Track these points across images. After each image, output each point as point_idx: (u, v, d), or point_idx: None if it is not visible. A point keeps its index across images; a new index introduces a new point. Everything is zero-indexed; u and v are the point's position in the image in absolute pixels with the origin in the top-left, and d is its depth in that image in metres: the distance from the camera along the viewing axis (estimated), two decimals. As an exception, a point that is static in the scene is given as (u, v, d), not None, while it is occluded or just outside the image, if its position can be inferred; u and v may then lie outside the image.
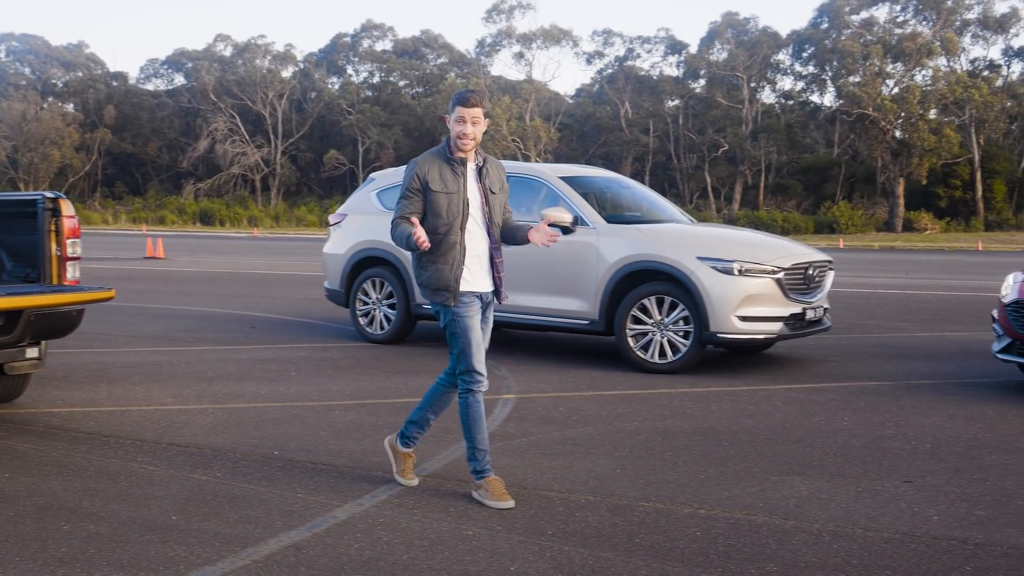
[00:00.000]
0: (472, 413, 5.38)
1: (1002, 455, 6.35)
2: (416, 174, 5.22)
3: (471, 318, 5.30)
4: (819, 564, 4.43)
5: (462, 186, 5.24)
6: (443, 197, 5.19)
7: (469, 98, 5.20)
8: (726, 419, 7.34)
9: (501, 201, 5.42)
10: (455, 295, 5.25)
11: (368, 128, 71.95)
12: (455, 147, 5.24)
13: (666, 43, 72.67)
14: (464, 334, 5.30)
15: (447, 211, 5.19)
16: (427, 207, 5.22)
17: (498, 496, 5.22)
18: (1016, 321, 8.26)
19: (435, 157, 5.29)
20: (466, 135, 5.18)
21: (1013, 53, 67.22)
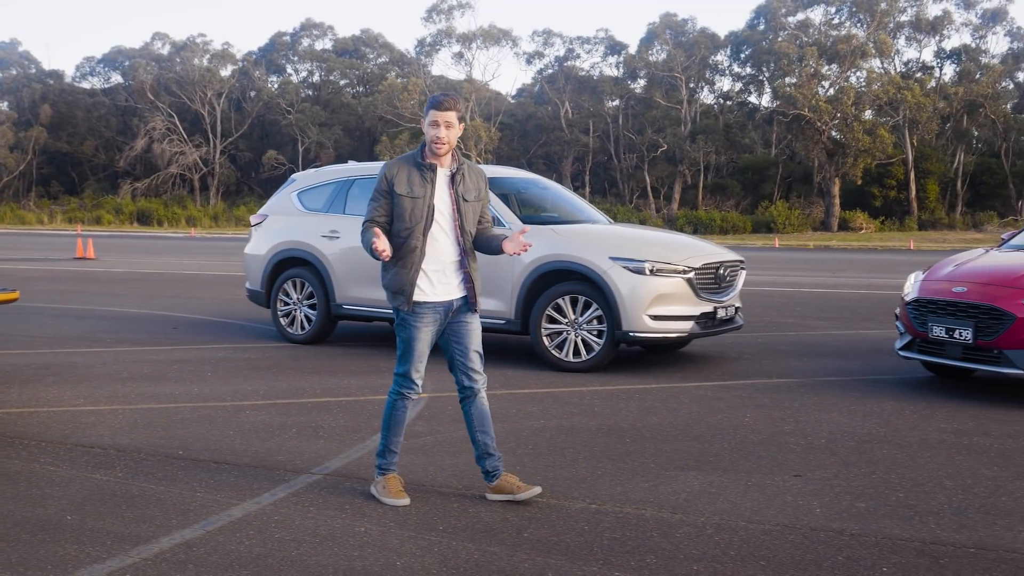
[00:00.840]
0: (396, 416, 5.42)
1: (892, 449, 6.55)
2: (384, 175, 5.24)
3: (420, 328, 5.30)
4: (698, 556, 4.57)
5: (429, 192, 5.20)
6: (407, 201, 5.17)
7: (443, 102, 5.18)
8: (632, 416, 7.48)
9: (475, 209, 5.37)
10: (409, 300, 5.26)
11: (308, 127, 71.57)
12: (429, 151, 5.22)
13: (605, 44, 73.15)
14: (408, 341, 5.33)
15: (410, 216, 5.18)
16: (393, 210, 5.23)
17: (394, 494, 5.29)
18: (916, 319, 8.50)
19: (405, 161, 5.28)
20: (440, 139, 5.15)
21: (945, 55, 68.60)
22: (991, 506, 5.33)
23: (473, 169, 5.43)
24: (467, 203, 5.30)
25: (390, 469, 5.40)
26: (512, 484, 5.34)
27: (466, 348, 5.44)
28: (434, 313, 5.32)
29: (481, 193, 5.41)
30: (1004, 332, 7.78)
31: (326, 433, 6.88)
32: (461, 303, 5.39)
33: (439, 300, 5.31)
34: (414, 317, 5.30)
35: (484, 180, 5.47)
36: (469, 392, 5.47)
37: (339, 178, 11.04)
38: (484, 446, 5.41)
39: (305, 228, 10.89)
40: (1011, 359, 7.79)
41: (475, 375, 5.46)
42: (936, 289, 8.42)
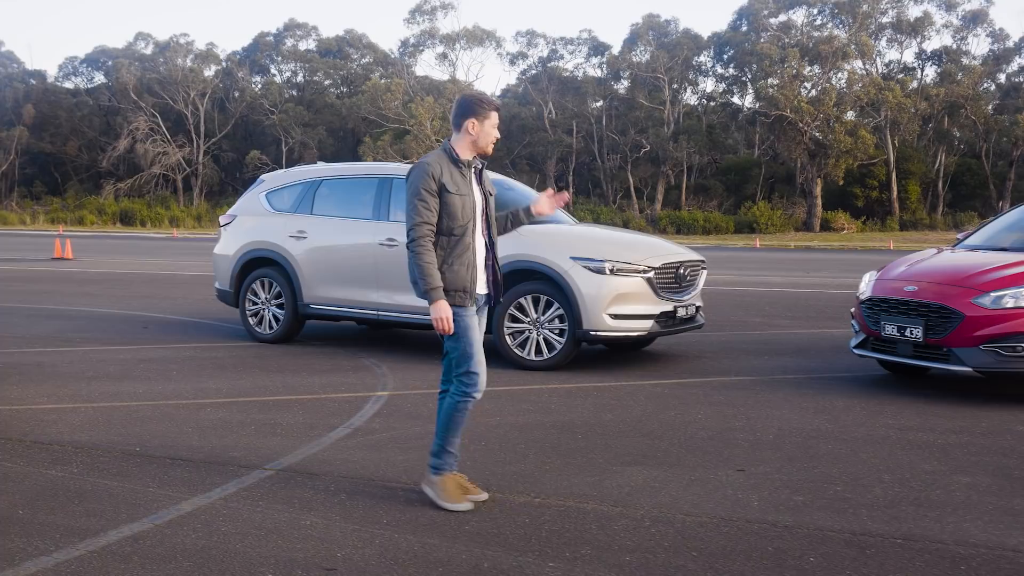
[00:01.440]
0: (458, 417, 5.32)
1: (836, 444, 6.69)
2: (431, 175, 5.13)
3: (472, 318, 5.30)
4: (632, 547, 4.70)
5: (471, 188, 5.26)
6: (458, 199, 5.16)
7: (499, 104, 5.32)
8: (586, 414, 7.61)
9: (492, 202, 5.47)
10: (471, 295, 5.24)
11: (291, 128, 71.56)
12: (474, 149, 5.25)
13: (589, 44, 73.35)
14: (466, 335, 5.26)
15: (462, 213, 5.17)
16: (441, 209, 5.16)
17: (454, 497, 5.24)
18: (870, 318, 8.65)
19: (442, 158, 5.23)
20: (496, 139, 5.27)
21: (926, 57, 69.02)
22: (924, 499, 5.47)
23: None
24: (491, 196, 5.43)
25: (445, 468, 5.34)
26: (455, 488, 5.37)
27: None
28: (476, 304, 5.37)
29: (492, 186, 5.52)
30: (953, 330, 7.94)
31: (283, 430, 6.98)
32: (485, 300, 5.49)
33: (482, 292, 5.40)
34: (469, 312, 5.26)
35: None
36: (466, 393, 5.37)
37: (307, 179, 11.15)
38: (450, 443, 5.41)
39: (273, 228, 10.99)
40: (959, 357, 7.94)
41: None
42: (888, 288, 8.58)
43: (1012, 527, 5.01)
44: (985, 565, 4.49)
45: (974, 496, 5.54)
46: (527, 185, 13.35)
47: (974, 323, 7.85)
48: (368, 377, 9.07)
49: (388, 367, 9.59)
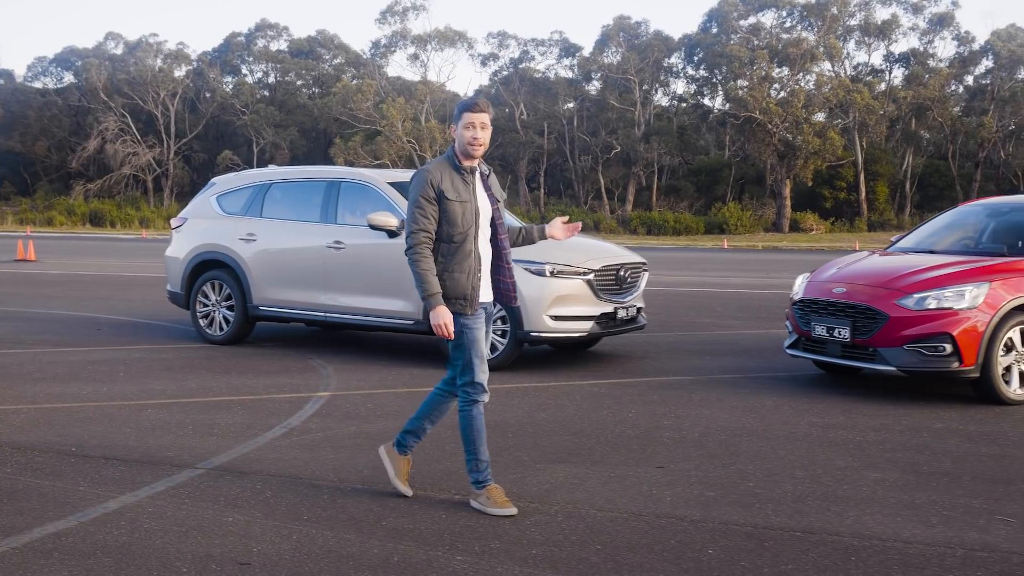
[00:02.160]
0: (475, 425, 5.35)
1: (758, 442, 6.90)
2: (430, 182, 5.16)
3: (479, 329, 5.29)
4: (541, 541, 4.88)
5: (473, 195, 5.25)
6: (458, 206, 5.17)
7: (476, 103, 5.23)
8: (521, 413, 7.78)
9: (502, 209, 5.47)
10: (472, 304, 5.24)
11: (263, 128, 71.46)
12: (465, 154, 5.25)
13: (560, 46, 73.57)
14: (472, 344, 5.27)
15: (462, 220, 5.18)
16: (441, 216, 5.18)
17: (500, 504, 5.26)
18: (802, 318, 8.87)
19: (444, 165, 5.26)
20: (476, 139, 5.19)
21: (894, 59, 69.60)
22: (831, 494, 5.68)
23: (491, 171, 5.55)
24: (499, 203, 5.41)
25: (487, 481, 5.34)
26: (401, 468, 5.58)
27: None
28: (483, 311, 5.38)
29: (502, 192, 5.52)
30: (878, 331, 8.17)
31: (221, 430, 7.12)
32: (492, 308, 5.52)
33: (486, 300, 5.40)
34: (473, 320, 5.27)
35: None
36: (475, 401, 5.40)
37: (257, 182, 11.28)
38: (419, 428, 5.61)
39: (223, 231, 11.12)
40: (884, 356, 8.17)
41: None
42: (819, 290, 8.80)
43: (909, 520, 5.21)
44: (875, 556, 4.69)
45: (880, 491, 5.75)
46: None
47: (898, 324, 8.08)
48: (313, 378, 9.22)
49: (334, 368, 9.74)
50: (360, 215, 10.23)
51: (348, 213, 10.39)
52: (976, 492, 5.74)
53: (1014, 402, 8.10)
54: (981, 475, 6.10)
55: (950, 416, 7.76)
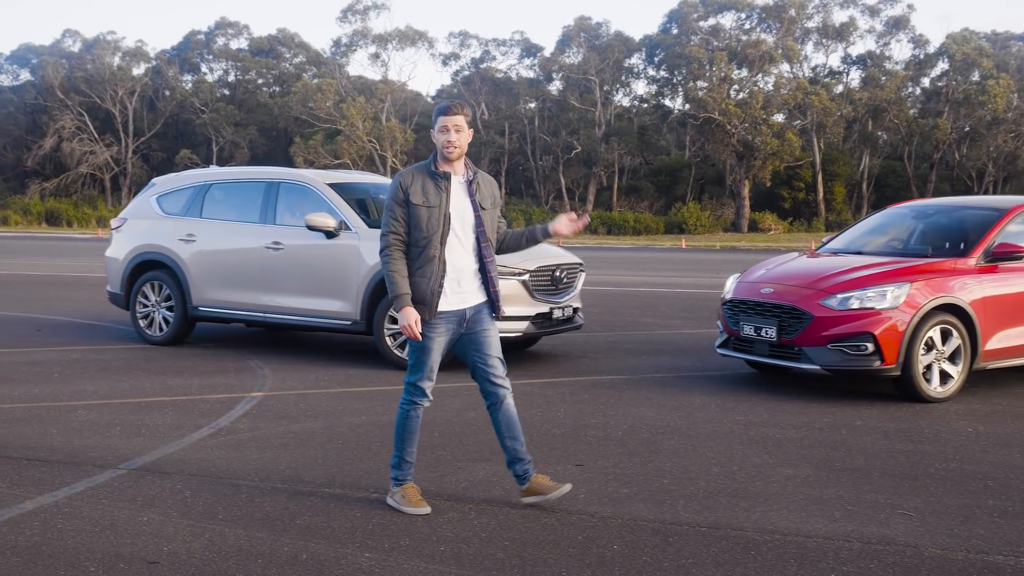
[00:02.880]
0: (409, 426, 5.43)
1: (680, 440, 7.01)
2: (400, 185, 5.24)
3: (434, 338, 5.29)
4: (451, 538, 4.96)
5: (444, 200, 5.22)
6: (423, 210, 5.19)
7: (450, 107, 5.23)
8: (451, 412, 7.86)
9: (494, 216, 5.40)
10: (431, 309, 5.24)
11: (223, 127, 71.09)
12: (441, 158, 5.27)
13: (521, 46, 73.76)
14: (422, 351, 5.32)
15: (427, 224, 5.20)
16: (409, 220, 5.23)
17: (414, 503, 5.33)
18: (731, 318, 9.02)
19: (419, 170, 5.30)
20: (451, 143, 5.18)
21: (851, 61, 70.37)
22: (743, 490, 5.80)
23: (486, 177, 5.46)
24: (485, 211, 5.34)
25: (406, 480, 5.42)
26: (543, 484, 5.42)
27: (486, 355, 5.43)
28: (447, 323, 5.31)
29: (496, 200, 5.46)
30: (803, 330, 8.33)
31: (148, 431, 7.15)
32: (476, 311, 5.38)
33: (453, 309, 5.31)
34: (428, 327, 5.27)
35: (496, 187, 5.53)
36: (495, 398, 5.46)
37: (197, 182, 11.29)
38: (513, 451, 5.45)
39: (163, 232, 11.13)
40: (809, 355, 8.33)
41: (499, 381, 5.46)
42: (747, 290, 8.96)
43: (814, 515, 5.35)
44: (774, 550, 4.81)
45: (790, 487, 5.88)
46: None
47: (822, 323, 8.24)
48: (248, 378, 9.25)
49: (271, 368, 9.77)
50: (299, 216, 10.27)
51: (287, 214, 10.43)
52: (883, 487, 5.88)
53: (934, 400, 8.28)
54: (890, 471, 6.25)
55: (870, 414, 7.92)
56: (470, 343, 5.42)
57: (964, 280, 8.45)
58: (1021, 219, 9.11)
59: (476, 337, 5.41)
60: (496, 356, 5.46)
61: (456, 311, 5.33)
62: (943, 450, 6.79)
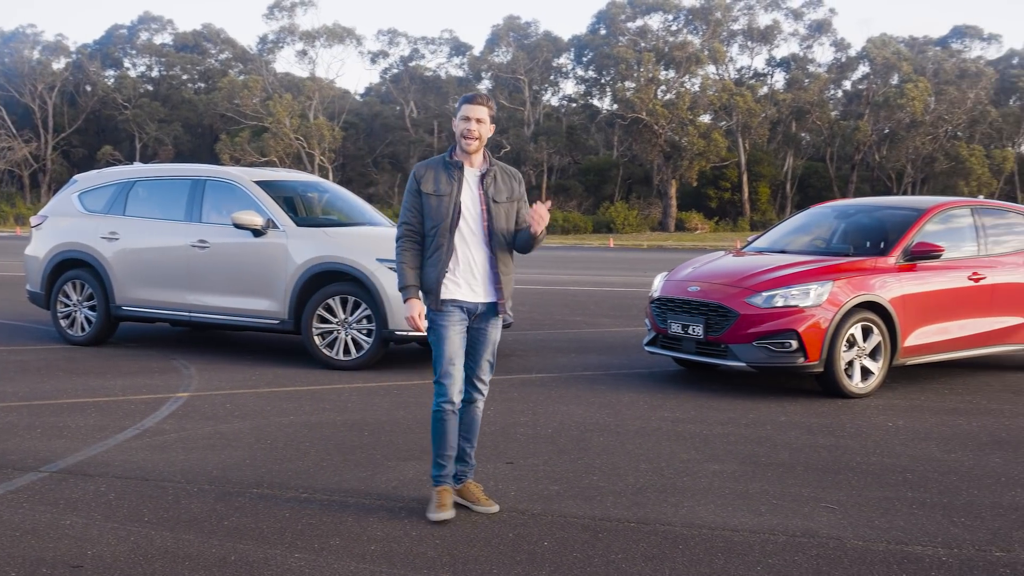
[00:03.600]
0: (437, 427, 5.29)
1: (609, 437, 7.07)
2: (414, 175, 5.24)
3: (448, 327, 5.19)
4: (381, 537, 4.95)
5: (455, 190, 5.17)
6: (433, 199, 5.17)
7: (476, 97, 5.20)
8: (380, 412, 7.84)
9: (508, 211, 5.27)
10: (436, 299, 5.18)
11: (146, 123, 69.89)
12: (460, 149, 5.20)
13: (450, 44, 73.68)
14: (438, 343, 5.23)
15: (436, 213, 5.16)
16: (423, 210, 5.21)
17: (437, 506, 5.24)
18: (659, 316, 9.12)
19: (435, 160, 5.28)
20: (471, 132, 5.12)
21: (776, 63, 71.49)
22: (671, 486, 5.88)
23: (507, 171, 5.35)
24: (498, 204, 5.23)
25: (441, 481, 5.32)
26: (474, 494, 5.39)
27: (478, 356, 5.33)
28: (461, 312, 5.23)
29: (515, 194, 5.32)
30: (729, 328, 8.45)
31: (70, 432, 7.01)
32: (484, 308, 5.28)
33: (464, 299, 5.21)
34: (441, 316, 5.20)
35: (519, 181, 5.38)
36: (469, 398, 5.37)
37: (120, 179, 11.10)
38: (461, 450, 5.40)
39: (85, 230, 10.91)
40: (735, 353, 8.46)
41: (480, 384, 5.37)
42: (675, 288, 9.06)
43: (740, 509, 5.44)
44: (702, 544, 4.89)
45: (717, 482, 5.97)
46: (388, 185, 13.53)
47: (748, 321, 8.37)
48: (174, 379, 9.12)
49: (197, 368, 9.64)
50: (225, 214, 10.15)
51: (213, 212, 10.31)
52: (807, 481, 6.00)
53: (855, 395, 8.46)
54: (814, 465, 6.38)
55: (794, 410, 8.07)
56: (469, 340, 5.31)
57: (884, 278, 8.65)
58: (938, 219, 9.36)
59: (475, 335, 5.30)
60: (487, 359, 5.37)
61: (467, 302, 5.22)
62: (864, 444, 6.94)
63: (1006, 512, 5.46)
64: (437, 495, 5.29)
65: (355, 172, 70.44)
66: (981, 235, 9.56)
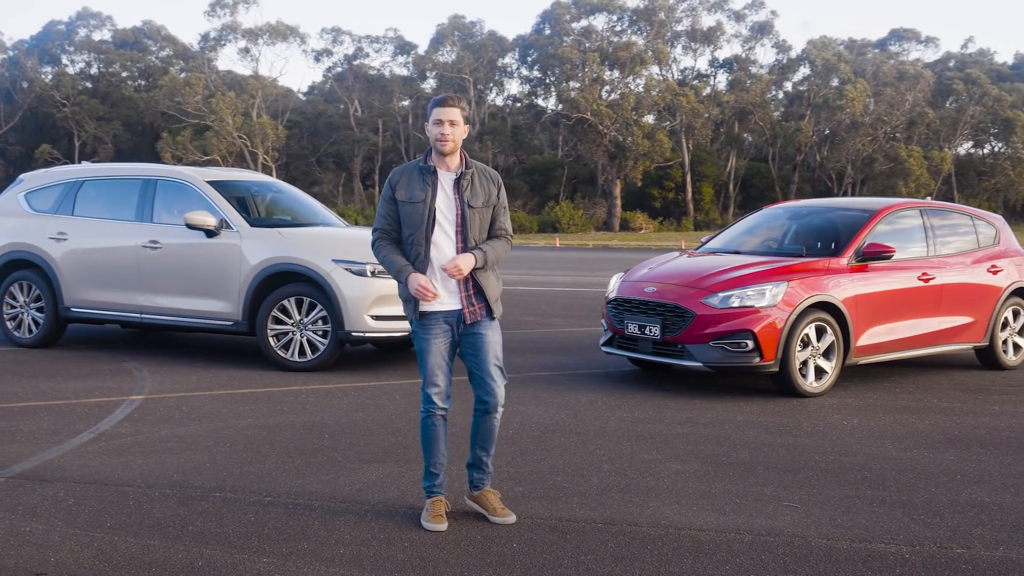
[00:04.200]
0: (425, 435, 5.22)
1: (570, 437, 7.09)
2: (389, 181, 5.13)
3: (429, 340, 5.10)
4: (349, 540, 4.92)
5: (429, 195, 5.03)
6: (407, 206, 5.05)
7: (446, 99, 5.05)
8: (339, 413, 7.79)
9: (483, 216, 5.12)
10: (416, 309, 5.09)
11: (85, 121, 68.73)
12: (435, 153, 5.06)
13: (395, 43, 73.35)
14: (420, 355, 5.15)
15: (411, 220, 5.05)
16: (399, 217, 5.10)
17: (431, 517, 5.16)
18: (615, 317, 9.17)
19: (410, 165, 5.15)
20: (444, 136, 4.97)
21: (719, 64, 72.15)
22: (635, 486, 5.91)
23: (486, 173, 5.18)
24: (472, 209, 5.07)
25: (433, 492, 5.24)
26: (490, 503, 5.27)
27: (482, 361, 5.17)
28: (444, 323, 5.11)
29: (492, 198, 5.15)
30: (686, 328, 8.52)
31: (24, 437, 6.88)
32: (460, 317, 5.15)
33: (444, 309, 5.10)
34: (422, 328, 5.11)
35: (497, 185, 5.20)
36: (483, 407, 5.25)
37: (68, 179, 10.91)
38: (477, 458, 5.32)
39: (32, 230, 10.72)
40: (692, 353, 8.53)
41: (490, 392, 5.21)
42: (631, 289, 9.12)
43: (704, 509, 5.48)
44: (669, 544, 4.92)
45: (680, 482, 6.01)
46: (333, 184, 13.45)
47: (704, 321, 8.44)
48: (126, 381, 8.99)
49: (149, 370, 9.51)
50: (177, 214, 10.03)
51: (164, 212, 10.17)
52: (768, 480, 6.07)
53: (810, 394, 8.58)
54: (774, 464, 6.45)
55: (751, 409, 8.16)
56: (468, 347, 5.18)
57: (837, 279, 8.78)
58: (889, 220, 9.51)
59: (473, 340, 5.17)
60: (493, 364, 5.20)
61: (448, 311, 5.11)
62: (821, 443, 7.04)
63: (963, 509, 5.56)
64: (431, 505, 5.22)
65: (299, 171, 69.87)
66: (930, 236, 9.74)
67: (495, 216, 5.20)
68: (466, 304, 5.13)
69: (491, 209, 5.18)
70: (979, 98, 65.69)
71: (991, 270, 10.07)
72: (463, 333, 5.17)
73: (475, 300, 5.15)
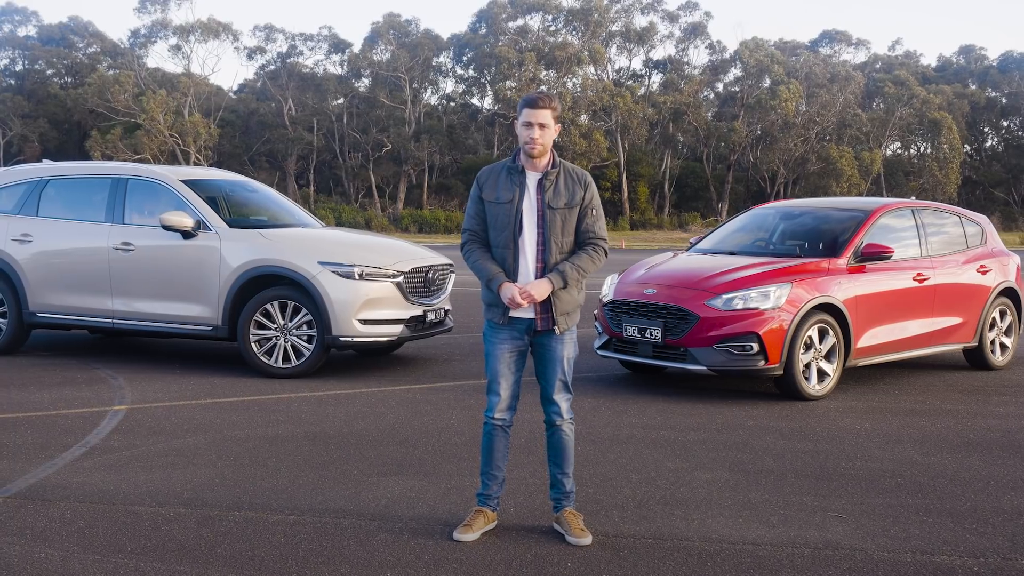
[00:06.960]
0: (484, 443, 5.06)
1: (586, 446, 6.85)
2: (477, 180, 4.96)
3: (496, 344, 4.95)
4: (392, 562, 4.64)
5: (517, 197, 4.85)
6: (494, 207, 4.88)
7: (537, 100, 4.78)
8: (338, 423, 7.47)
9: (567, 218, 4.88)
10: (505, 313, 4.87)
11: (9, 119, 66.76)
12: (523, 154, 4.85)
13: (329, 41, 72.41)
14: (486, 358, 5.02)
15: (496, 222, 4.88)
16: (486, 218, 4.93)
17: (462, 528, 4.98)
18: (612, 320, 8.96)
19: (499, 165, 4.96)
20: (533, 140, 4.76)
21: (653, 65, 72.52)
22: (670, 497, 5.70)
23: (573, 174, 4.94)
24: (553, 211, 4.85)
25: (480, 502, 5.07)
26: (569, 523, 4.99)
27: (548, 373, 5.03)
28: (512, 329, 4.94)
29: (575, 199, 4.89)
30: (689, 331, 8.34)
31: (10, 452, 6.46)
32: (542, 325, 4.96)
33: (518, 315, 4.92)
34: (491, 332, 4.97)
35: (584, 186, 4.93)
36: (546, 420, 5.11)
37: (31, 178, 10.39)
38: (553, 477, 5.11)
39: (-10, 230, 10.19)
40: (695, 356, 8.36)
41: (555, 405, 5.07)
42: (629, 291, 8.91)
43: (750, 521, 5.29)
44: (729, 560, 4.72)
45: (715, 492, 5.82)
46: (266, 184, 13.08)
47: (708, 324, 8.27)
48: (104, 390, 8.55)
49: (125, 378, 9.08)
50: (150, 215, 9.61)
51: (136, 213, 9.73)
52: (803, 489, 5.90)
53: (812, 397, 8.46)
54: (803, 472, 6.29)
55: (758, 413, 8.00)
56: (536, 356, 5.03)
57: (838, 280, 8.67)
58: (884, 220, 9.44)
59: (541, 352, 5.02)
60: (560, 378, 5.04)
61: (523, 318, 4.93)
62: (842, 448, 6.90)
63: (1012, 517, 5.44)
64: (470, 515, 5.06)
65: (232, 170, 68.62)
66: (923, 236, 9.70)
67: (582, 218, 4.95)
68: (539, 311, 4.92)
69: (576, 211, 4.93)
70: (907, 100, 66.85)
71: (980, 270, 10.07)
72: (533, 340, 4.99)
73: (547, 308, 4.93)
